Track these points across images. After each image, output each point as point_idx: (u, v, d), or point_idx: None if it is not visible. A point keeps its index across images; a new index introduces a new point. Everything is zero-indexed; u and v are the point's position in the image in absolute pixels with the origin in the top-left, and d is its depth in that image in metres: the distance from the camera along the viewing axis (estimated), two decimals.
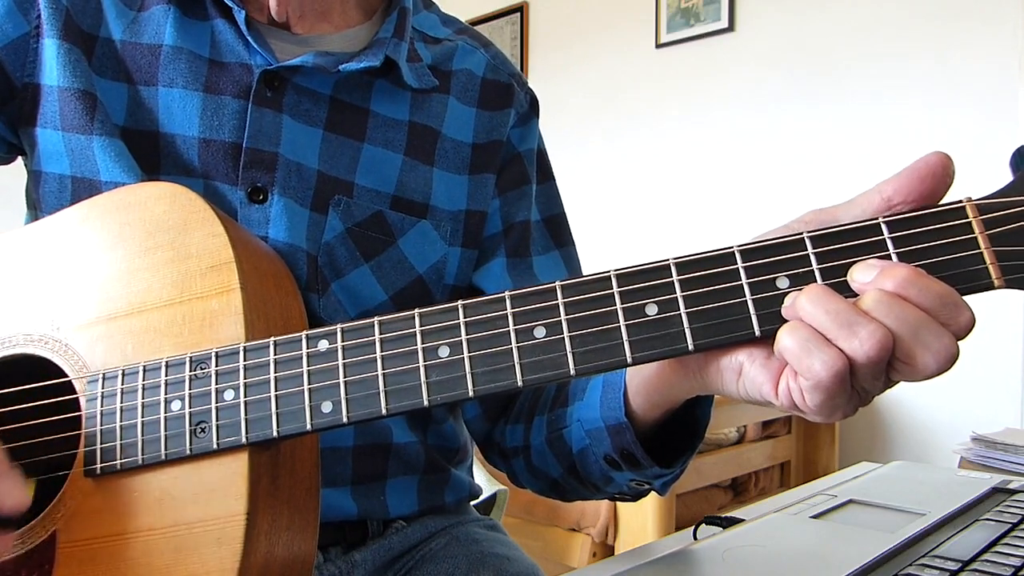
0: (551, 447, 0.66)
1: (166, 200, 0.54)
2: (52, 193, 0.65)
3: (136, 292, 0.52)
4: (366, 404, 0.45)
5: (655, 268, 0.43)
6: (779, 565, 0.61)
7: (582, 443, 0.62)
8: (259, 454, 0.48)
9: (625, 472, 0.60)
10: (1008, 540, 0.61)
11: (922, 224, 0.40)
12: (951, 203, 0.40)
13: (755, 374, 0.43)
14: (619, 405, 0.56)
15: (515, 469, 0.73)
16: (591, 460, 0.62)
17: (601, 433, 0.59)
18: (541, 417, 0.68)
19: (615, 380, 0.57)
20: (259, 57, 0.66)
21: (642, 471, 0.59)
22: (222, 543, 0.46)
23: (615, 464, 0.60)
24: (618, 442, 0.58)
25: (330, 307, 0.66)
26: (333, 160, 0.67)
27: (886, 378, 0.41)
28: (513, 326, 0.44)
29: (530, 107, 0.79)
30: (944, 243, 0.39)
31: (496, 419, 0.75)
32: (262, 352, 0.48)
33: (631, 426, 0.56)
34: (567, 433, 0.64)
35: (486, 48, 0.79)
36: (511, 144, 0.77)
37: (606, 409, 0.58)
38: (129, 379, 0.50)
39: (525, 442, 0.70)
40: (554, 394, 0.68)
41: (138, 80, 0.65)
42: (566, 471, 0.66)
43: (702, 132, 2.96)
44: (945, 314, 0.38)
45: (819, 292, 0.40)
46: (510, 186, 0.76)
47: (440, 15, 0.80)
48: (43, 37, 0.64)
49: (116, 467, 0.49)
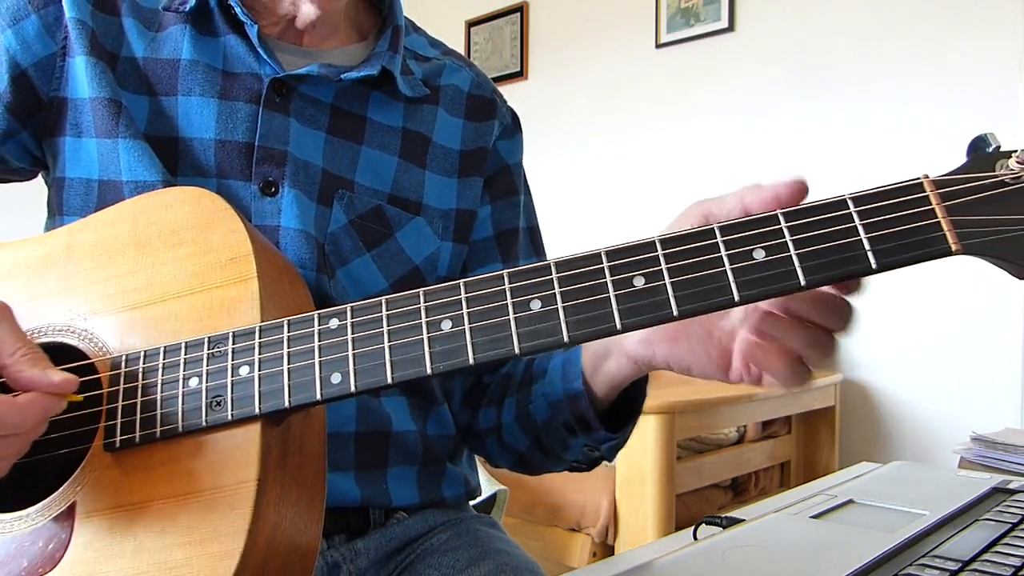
0: (519, 423, 0.74)
1: (190, 202, 0.58)
2: (78, 196, 0.69)
3: (158, 284, 0.56)
4: (373, 374, 0.48)
5: (641, 244, 0.47)
6: (779, 565, 0.61)
7: (545, 415, 0.70)
8: (271, 428, 0.51)
9: (580, 438, 0.68)
10: (1008, 540, 0.61)
11: (884, 199, 0.44)
12: (910, 180, 0.44)
13: (698, 349, 0.55)
14: (576, 375, 0.65)
15: (488, 447, 0.80)
16: (552, 429, 0.70)
17: (561, 404, 0.67)
18: (511, 398, 0.75)
19: (572, 355, 0.67)
20: (268, 67, 0.72)
21: (592, 435, 0.67)
22: (233, 507, 0.48)
23: (571, 430, 0.68)
24: (575, 409, 0.66)
25: (338, 290, 0.71)
26: (335, 160, 0.73)
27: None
28: (511, 299, 0.47)
29: (513, 122, 0.87)
30: (905, 214, 0.43)
31: (476, 407, 0.80)
32: (276, 331, 0.51)
33: (586, 394, 0.65)
34: (532, 408, 0.71)
35: (470, 67, 0.87)
36: (499, 155, 0.84)
37: (566, 382, 0.67)
38: (150, 359, 0.53)
39: (497, 421, 0.77)
40: (521, 376, 0.75)
41: (159, 91, 0.70)
42: (532, 443, 0.74)
43: (702, 132, 2.96)
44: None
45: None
46: (500, 196, 0.83)
47: (427, 38, 0.88)
48: (70, 56, 0.69)
49: (135, 440, 0.52)
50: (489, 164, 0.82)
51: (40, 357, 0.50)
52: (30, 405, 0.48)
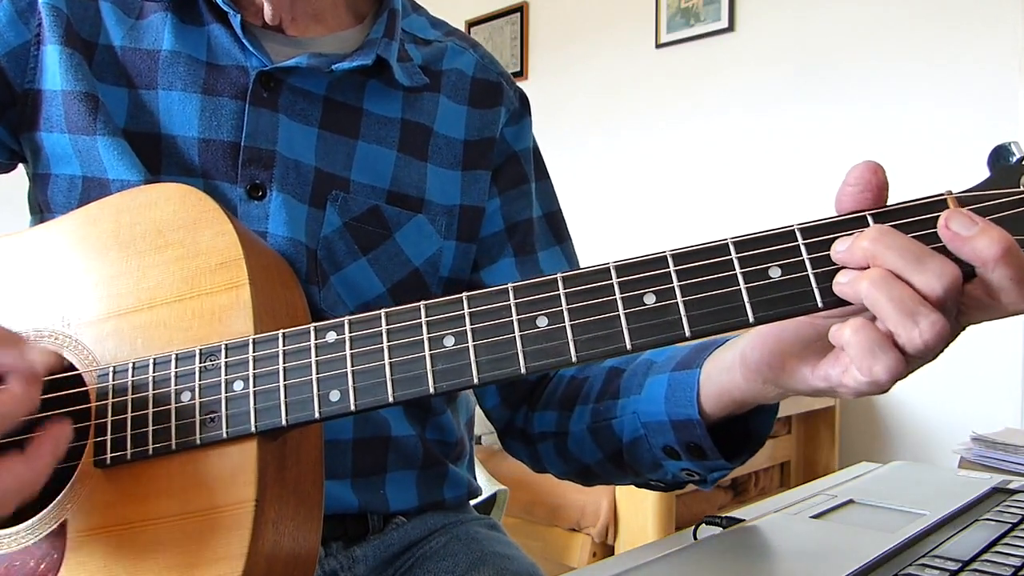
0: (593, 435, 0.68)
1: (175, 200, 0.55)
2: (62, 193, 0.66)
3: (146, 288, 0.53)
4: (374, 392, 0.46)
5: (652, 259, 0.44)
6: (779, 565, 0.61)
7: (635, 433, 0.64)
8: (267, 444, 0.49)
9: (683, 462, 0.62)
10: (1008, 540, 0.61)
11: (906, 216, 0.42)
12: (934, 196, 0.42)
13: (797, 367, 0.48)
14: (691, 402, 0.59)
15: (541, 453, 0.75)
16: (643, 449, 0.64)
17: (663, 426, 0.61)
18: (584, 407, 0.70)
19: (686, 380, 0.60)
20: (255, 59, 0.67)
21: (704, 462, 0.61)
22: (231, 529, 0.47)
23: (674, 454, 0.62)
24: (684, 436, 0.60)
25: (330, 299, 0.67)
26: (329, 157, 0.69)
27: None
28: (516, 316, 0.45)
29: (521, 105, 0.81)
30: (928, 233, 0.41)
31: (517, 406, 0.77)
32: (271, 344, 0.49)
33: (702, 422, 0.58)
34: (616, 424, 0.66)
35: (474, 49, 0.81)
36: (506, 143, 0.78)
37: (672, 405, 0.60)
38: (139, 372, 0.51)
39: (559, 428, 0.72)
40: (600, 388, 0.70)
41: (138, 84, 0.66)
42: (606, 457, 0.68)
43: (702, 132, 2.96)
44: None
45: (883, 276, 0.40)
46: (509, 186, 0.78)
47: (429, 18, 0.82)
48: (44, 44, 0.65)
49: (126, 457, 0.50)
50: (496, 155, 0.77)
51: (17, 338, 0.46)
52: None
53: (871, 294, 0.40)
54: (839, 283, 0.42)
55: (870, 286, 0.40)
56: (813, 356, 0.48)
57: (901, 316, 0.40)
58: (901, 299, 0.39)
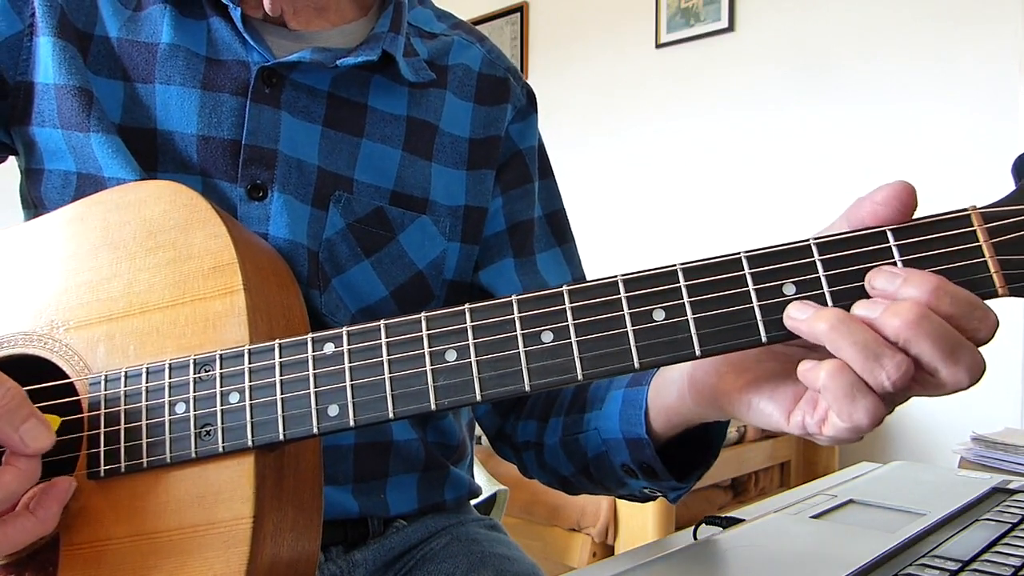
0: (564, 448, 0.68)
1: (166, 199, 0.53)
2: (55, 190, 0.64)
3: (137, 292, 0.52)
4: (373, 407, 0.45)
5: (662, 273, 0.43)
6: (779, 565, 0.61)
7: (598, 449, 0.63)
8: (264, 456, 0.48)
9: (640, 480, 0.61)
10: (1008, 540, 0.61)
11: (927, 232, 0.40)
12: (957, 211, 0.40)
13: (764, 407, 0.45)
14: (640, 422, 0.57)
15: (525, 462, 0.75)
16: (607, 465, 0.63)
17: (620, 444, 0.60)
18: (557, 419, 0.69)
19: (635, 397, 0.59)
20: (256, 54, 0.65)
21: (658, 482, 0.60)
22: (228, 546, 0.46)
23: (631, 473, 0.61)
24: (637, 455, 0.59)
25: (331, 303, 0.66)
26: (332, 156, 0.67)
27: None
28: (520, 331, 0.44)
29: (528, 102, 0.79)
30: (949, 251, 0.39)
31: (507, 414, 0.77)
32: (267, 355, 0.47)
33: (651, 443, 0.57)
34: (583, 438, 0.65)
35: (481, 43, 0.79)
36: (511, 141, 0.77)
37: (625, 423, 0.59)
38: (132, 381, 0.50)
39: (538, 439, 0.71)
40: (570, 399, 0.69)
41: (135, 77, 0.64)
42: (578, 471, 0.68)
43: (702, 132, 2.96)
44: (975, 322, 0.38)
45: (841, 319, 0.39)
46: (512, 185, 0.76)
47: (435, 10, 0.80)
48: (37, 35, 0.63)
49: (120, 470, 0.49)
50: (501, 153, 0.75)
51: (21, 402, 0.45)
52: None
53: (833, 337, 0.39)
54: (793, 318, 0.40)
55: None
56: (780, 395, 0.45)
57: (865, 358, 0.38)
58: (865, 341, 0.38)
